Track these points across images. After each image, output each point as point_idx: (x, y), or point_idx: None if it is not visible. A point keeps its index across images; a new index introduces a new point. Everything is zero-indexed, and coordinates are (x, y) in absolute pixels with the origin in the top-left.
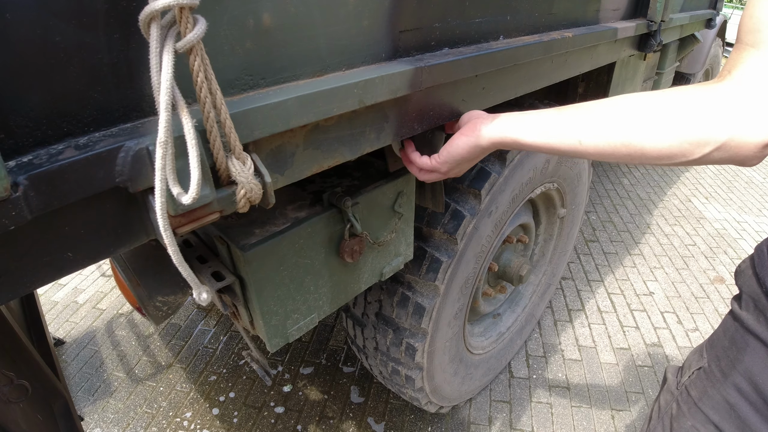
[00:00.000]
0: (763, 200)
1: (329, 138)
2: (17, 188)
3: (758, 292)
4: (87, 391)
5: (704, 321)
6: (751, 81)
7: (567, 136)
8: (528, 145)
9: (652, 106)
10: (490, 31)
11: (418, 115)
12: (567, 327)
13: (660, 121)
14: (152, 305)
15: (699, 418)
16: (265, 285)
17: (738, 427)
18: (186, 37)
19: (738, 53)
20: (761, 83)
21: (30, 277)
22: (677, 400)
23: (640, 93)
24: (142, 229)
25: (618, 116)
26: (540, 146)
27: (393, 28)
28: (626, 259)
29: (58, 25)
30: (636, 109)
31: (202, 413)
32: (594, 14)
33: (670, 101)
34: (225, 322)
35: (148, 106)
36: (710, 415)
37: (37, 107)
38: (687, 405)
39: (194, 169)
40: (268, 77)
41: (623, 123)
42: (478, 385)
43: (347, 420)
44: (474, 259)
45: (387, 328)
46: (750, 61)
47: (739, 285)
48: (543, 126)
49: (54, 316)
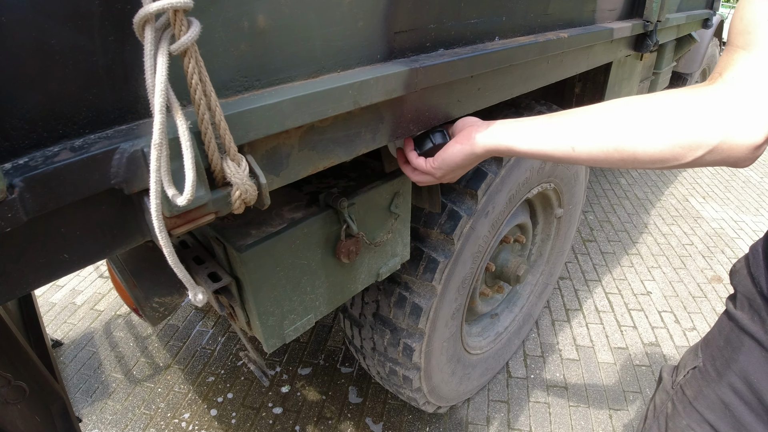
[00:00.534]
0: (761, 199)
1: (324, 139)
2: (13, 190)
3: (753, 291)
4: (85, 393)
5: (701, 320)
6: (742, 82)
7: (560, 143)
8: (522, 152)
9: (644, 111)
10: (486, 32)
11: (413, 116)
12: (565, 327)
13: (652, 125)
14: (149, 306)
15: (694, 417)
16: (262, 286)
17: (733, 426)
18: (180, 39)
19: (728, 55)
20: (752, 84)
21: (27, 278)
22: (672, 400)
23: (633, 97)
24: (137, 231)
25: (610, 122)
26: (534, 153)
27: (388, 29)
28: (624, 259)
29: (54, 27)
30: (628, 115)
31: (201, 414)
32: (590, 14)
33: (662, 105)
34: (223, 323)
35: (143, 108)
36: (705, 415)
37: (32, 109)
38: (682, 404)
39: (189, 170)
40: (263, 79)
41: (615, 129)
42: (476, 385)
43: (345, 420)
44: (471, 259)
45: (384, 328)
46: (740, 63)
47: (734, 285)
48: (536, 133)
49: (52, 318)
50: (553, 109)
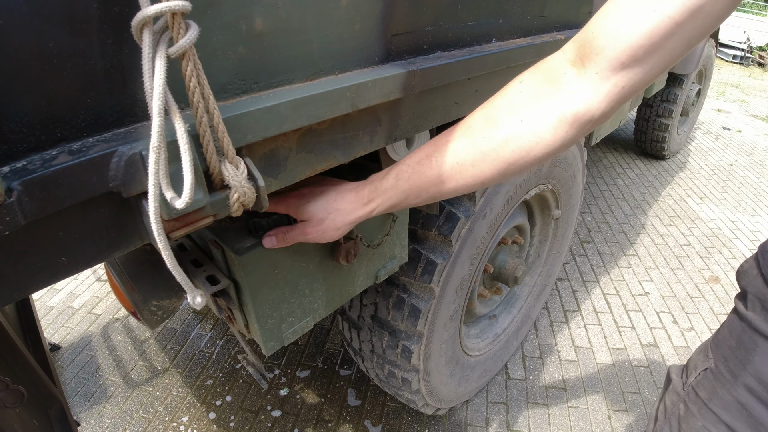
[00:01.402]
0: (758, 200)
1: (322, 141)
2: (11, 193)
3: (765, 292)
4: (83, 396)
5: (699, 320)
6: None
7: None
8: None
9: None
10: (483, 34)
11: (411, 118)
12: (563, 328)
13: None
14: (147, 309)
15: (710, 419)
16: (260, 288)
17: (751, 425)
18: (178, 42)
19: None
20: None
21: (25, 281)
22: (684, 401)
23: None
24: (135, 234)
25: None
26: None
27: (385, 32)
28: (621, 260)
29: (52, 31)
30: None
31: (199, 417)
32: (586, 16)
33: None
34: (221, 326)
35: (141, 111)
36: (721, 416)
37: (30, 113)
38: (696, 405)
39: (187, 173)
40: (261, 81)
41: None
42: (474, 386)
43: (344, 423)
44: (469, 260)
45: (383, 330)
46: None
47: (742, 285)
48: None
49: (50, 321)
50: None
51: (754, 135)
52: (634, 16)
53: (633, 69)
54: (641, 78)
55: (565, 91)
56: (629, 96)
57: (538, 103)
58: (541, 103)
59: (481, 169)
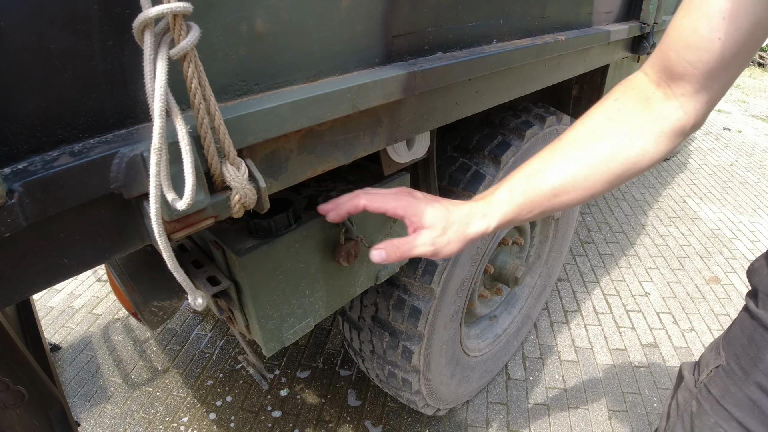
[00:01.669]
0: (758, 200)
1: (323, 143)
2: (12, 195)
3: None
4: (83, 397)
5: (700, 321)
6: (690, 110)
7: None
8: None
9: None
10: (484, 35)
11: (412, 119)
12: (563, 328)
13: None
14: (148, 310)
15: (722, 415)
16: (261, 289)
17: (762, 422)
18: (180, 44)
19: (677, 66)
20: (699, 114)
21: (26, 283)
22: (697, 398)
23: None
24: (137, 235)
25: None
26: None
27: (386, 33)
28: (622, 260)
29: (53, 32)
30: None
31: (199, 418)
32: (587, 17)
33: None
34: (221, 326)
35: (142, 113)
36: (733, 412)
37: (31, 114)
38: (708, 402)
39: (189, 174)
40: (262, 83)
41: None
42: (475, 387)
43: (344, 423)
44: (469, 261)
45: (383, 331)
46: (690, 89)
47: (754, 283)
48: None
49: (50, 322)
50: (550, 110)
51: (754, 135)
52: (703, 48)
53: (713, 85)
54: (722, 87)
55: (658, 108)
56: (717, 101)
57: (638, 118)
58: (640, 118)
59: (593, 182)
